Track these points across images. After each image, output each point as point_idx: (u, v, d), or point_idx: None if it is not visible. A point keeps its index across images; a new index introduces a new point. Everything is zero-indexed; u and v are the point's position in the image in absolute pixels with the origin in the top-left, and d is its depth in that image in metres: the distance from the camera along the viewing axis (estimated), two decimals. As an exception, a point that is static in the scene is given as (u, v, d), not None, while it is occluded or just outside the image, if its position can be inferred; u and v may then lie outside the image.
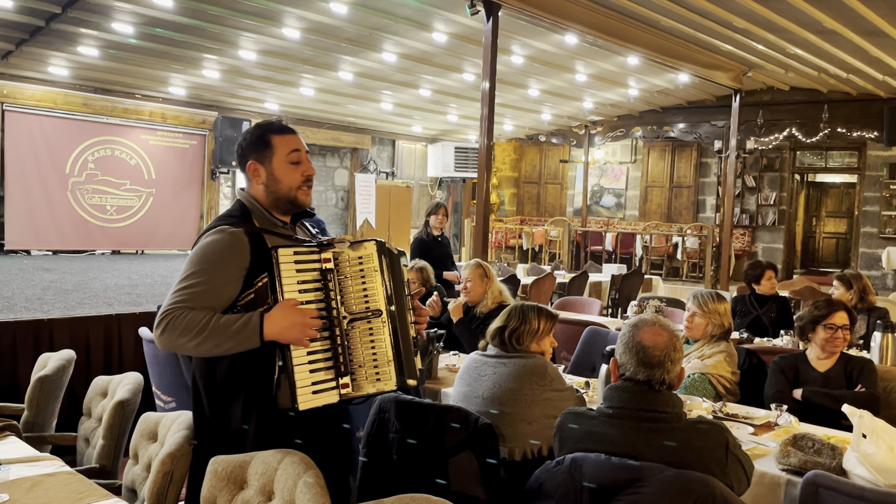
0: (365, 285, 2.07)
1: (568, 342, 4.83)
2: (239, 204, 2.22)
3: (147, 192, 11.32)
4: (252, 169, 2.20)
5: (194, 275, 2.02)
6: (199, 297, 1.99)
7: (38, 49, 8.39)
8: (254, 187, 2.21)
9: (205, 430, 2.13)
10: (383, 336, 2.06)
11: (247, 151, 2.21)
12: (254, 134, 2.22)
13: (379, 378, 2.04)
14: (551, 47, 8.59)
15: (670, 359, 2.04)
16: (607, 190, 15.26)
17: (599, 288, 9.51)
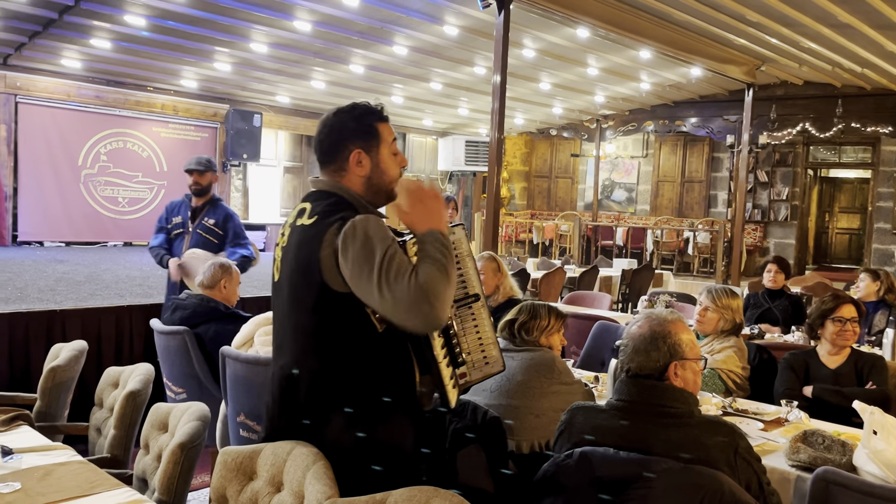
0: (461, 271, 2.03)
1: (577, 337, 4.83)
2: (335, 196, 1.96)
3: (159, 185, 11.37)
4: (356, 158, 1.97)
5: (386, 248, 1.79)
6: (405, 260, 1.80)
7: (51, 42, 8.43)
8: (351, 178, 1.98)
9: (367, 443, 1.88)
10: (484, 319, 2.06)
11: (350, 138, 1.98)
12: (358, 120, 2.00)
13: (487, 362, 2.05)
14: (563, 41, 8.55)
15: (639, 349, 2.04)
16: (618, 184, 15.20)
17: (610, 283, 9.49)
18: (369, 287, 1.78)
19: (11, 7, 7.12)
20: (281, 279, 2.01)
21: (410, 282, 1.75)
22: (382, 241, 1.81)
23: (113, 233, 10.95)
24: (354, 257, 1.80)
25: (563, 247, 13.91)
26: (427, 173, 15.26)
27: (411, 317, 1.76)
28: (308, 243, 1.89)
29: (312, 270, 1.86)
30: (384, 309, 1.80)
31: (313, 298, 1.88)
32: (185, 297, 3.92)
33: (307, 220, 1.93)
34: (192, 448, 2.16)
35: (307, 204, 1.98)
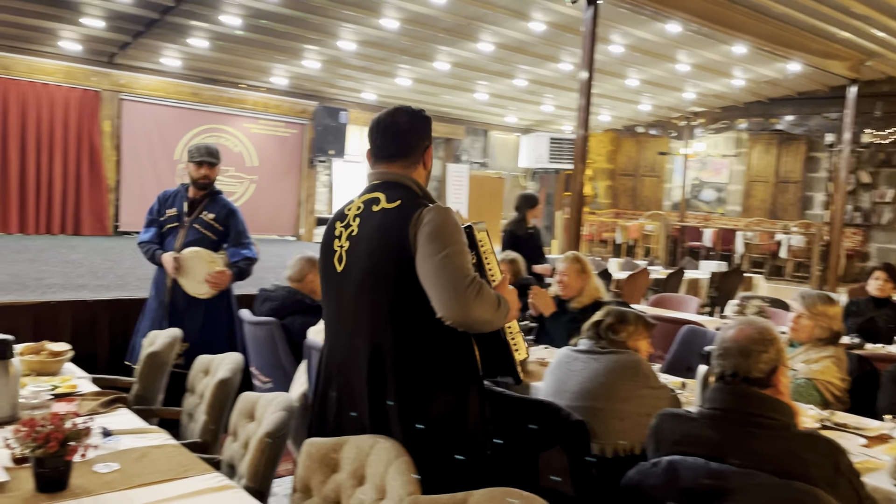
0: (489, 264, 2.21)
1: (663, 340, 4.69)
2: (406, 187, 2.16)
3: (249, 179, 11.75)
4: (430, 154, 2.25)
5: (460, 249, 2.00)
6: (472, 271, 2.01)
7: (152, 41, 8.82)
8: (419, 172, 2.22)
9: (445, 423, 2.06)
10: None
11: (425, 136, 2.24)
12: (426, 121, 2.27)
13: (517, 349, 2.23)
14: (653, 36, 8.34)
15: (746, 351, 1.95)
16: (707, 184, 14.72)
17: (697, 285, 9.20)
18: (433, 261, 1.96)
19: (117, 7, 7.49)
20: (348, 267, 2.12)
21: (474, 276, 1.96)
22: (453, 237, 2.00)
23: (206, 225, 11.38)
24: (429, 231, 1.98)
25: (648, 247, 13.58)
26: (509, 171, 15.19)
27: (454, 302, 1.93)
28: (397, 224, 2.04)
29: (403, 248, 2.01)
30: (432, 285, 1.96)
31: (397, 277, 2.02)
32: (274, 289, 4.02)
33: (388, 204, 2.09)
34: (278, 437, 2.21)
35: (380, 193, 2.14)
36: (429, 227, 1.99)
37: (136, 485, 1.95)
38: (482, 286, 1.96)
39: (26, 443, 1.84)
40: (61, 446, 1.84)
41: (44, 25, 8.29)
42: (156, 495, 1.90)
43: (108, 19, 7.98)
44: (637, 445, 2.61)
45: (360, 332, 2.09)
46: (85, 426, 1.92)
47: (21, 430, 1.86)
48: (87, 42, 9.07)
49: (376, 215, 2.09)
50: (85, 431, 1.91)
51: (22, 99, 9.58)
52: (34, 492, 1.85)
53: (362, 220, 2.12)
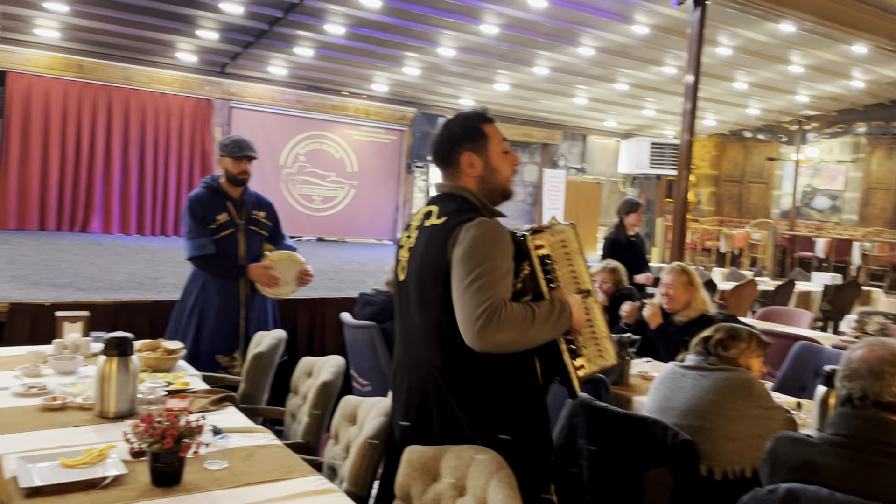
0: (572, 267, 2.12)
1: (773, 357, 4.45)
2: (459, 198, 2.09)
3: (349, 184, 12.03)
4: (468, 161, 2.11)
5: (488, 268, 1.91)
6: (502, 290, 1.92)
7: (261, 51, 9.18)
8: (466, 179, 2.12)
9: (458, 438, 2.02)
10: (597, 313, 2.15)
11: (460, 142, 2.12)
12: (465, 124, 2.14)
13: (601, 355, 2.14)
14: (764, 37, 7.99)
15: (878, 372, 1.79)
16: (821, 191, 13.96)
17: (808, 298, 8.71)
18: (457, 280, 1.92)
19: (230, 20, 7.84)
20: (407, 279, 2.11)
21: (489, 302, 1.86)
22: (488, 254, 1.92)
23: (307, 228, 11.74)
24: (460, 253, 1.94)
25: (755, 257, 13.00)
26: (607, 176, 14.90)
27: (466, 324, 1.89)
28: (438, 242, 2.00)
29: (441, 267, 1.97)
30: (456, 308, 1.92)
31: (441, 294, 1.98)
32: (374, 294, 4.07)
33: (437, 220, 2.05)
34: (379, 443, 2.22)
35: (434, 206, 2.11)
36: (461, 247, 1.94)
37: (244, 483, 2.00)
38: (499, 310, 1.86)
39: (144, 438, 1.93)
40: (176, 443, 1.92)
41: (163, 38, 8.77)
42: (261, 495, 1.95)
43: (221, 31, 8.36)
44: (748, 468, 2.48)
45: (417, 345, 2.09)
46: (198, 424, 1.99)
47: (139, 425, 1.95)
48: (201, 53, 9.54)
49: (427, 230, 2.07)
50: (198, 429, 1.98)
51: (142, 108, 10.17)
52: (150, 485, 1.93)
53: (419, 233, 2.10)
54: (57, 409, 2.52)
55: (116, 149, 9.99)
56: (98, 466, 2.00)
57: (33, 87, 9.41)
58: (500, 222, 2.03)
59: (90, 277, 5.56)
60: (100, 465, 2.00)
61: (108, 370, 2.42)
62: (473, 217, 1.99)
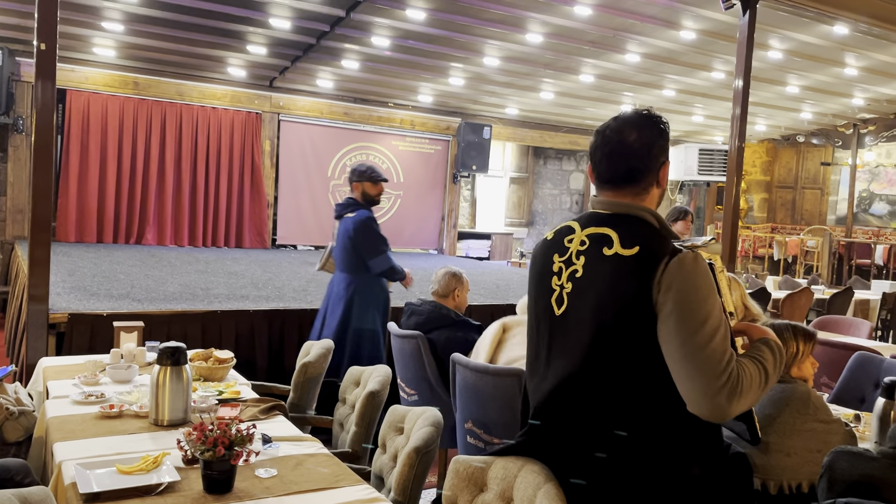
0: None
1: (830, 367, 4.33)
2: (640, 221, 1.78)
3: (395, 195, 12.12)
4: (666, 171, 1.83)
5: (716, 317, 1.64)
6: (729, 340, 1.66)
7: (308, 64, 9.33)
8: (652, 196, 1.83)
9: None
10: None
11: (660, 153, 1.82)
12: (661, 130, 1.84)
13: None
14: (816, 39, 7.79)
15: None
16: (879, 196, 13.52)
17: (867, 307, 8.44)
18: (679, 340, 1.62)
19: (278, 35, 8.00)
20: (569, 314, 1.80)
21: (729, 367, 1.61)
22: (709, 300, 1.65)
23: (354, 239, 11.86)
24: (676, 304, 1.63)
25: (809, 264, 12.65)
26: (656, 184, 14.68)
27: (703, 397, 1.61)
28: (633, 281, 1.68)
29: (643, 310, 1.66)
30: (677, 370, 1.64)
31: (626, 336, 1.69)
32: (420, 304, 4.09)
33: (623, 249, 1.72)
34: (426, 453, 2.23)
35: (610, 231, 1.76)
36: (677, 292, 1.63)
37: (293, 492, 2.03)
38: (741, 378, 1.61)
39: (196, 446, 1.97)
40: (227, 451, 1.96)
41: (214, 54, 9.00)
42: (310, 503, 1.97)
43: (269, 46, 8.53)
44: (805, 482, 2.42)
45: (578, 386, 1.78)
46: (248, 433, 2.03)
47: (192, 433, 2.00)
48: (250, 68, 9.75)
49: (608, 261, 1.72)
50: (249, 437, 2.02)
51: (194, 122, 10.43)
52: (203, 493, 1.97)
53: (589, 262, 1.77)
54: (114, 417, 2.59)
55: (170, 162, 10.26)
56: (153, 473, 2.05)
57: (91, 104, 9.74)
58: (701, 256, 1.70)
59: (145, 288, 5.72)
60: (154, 472, 2.06)
61: (161, 379, 2.48)
62: (667, 248, 1.68)
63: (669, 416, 1.69)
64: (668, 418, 1.70)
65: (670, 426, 1.70)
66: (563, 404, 1.81)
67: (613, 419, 1.72)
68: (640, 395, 1.70)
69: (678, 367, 1.63)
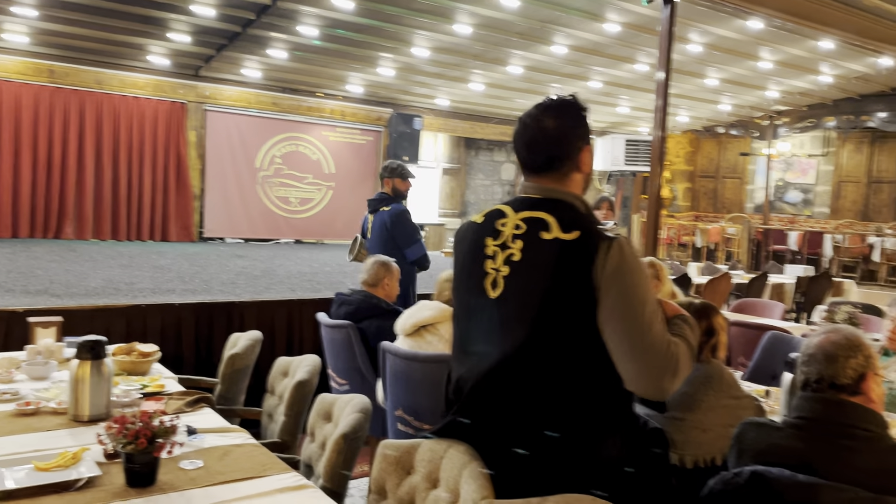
0: None
1: (746, 347, 4.54)
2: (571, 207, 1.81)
3: (327, 186, 12.01)
4: (587, 157, 1.86)
5: (652, 302, 1.71)
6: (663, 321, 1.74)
7: (235, 53, 9.14)
8: (575, 181, 1.86)
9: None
10: None
11: (579, 136, 1.85)
12: (578, 116, 1.86)
13: None
14: (733, 33, 8.10)
15: (833, 355, 1.85)
16: (793, 185, 14.16)
17: (782, 291, 8.84)
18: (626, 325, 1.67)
19: (202, 23, 7.80)
20: (506, 297, 1.80)
21: (670, 349, 1.70)
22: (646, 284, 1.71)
23: (285, 230, 11.71)
24: (622, 286, 1.67)
25: (730, 251, 13.17)
26: (584, 174, 14.99)
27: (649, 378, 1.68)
28: (576, 266, 1.69)
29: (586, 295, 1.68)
30: (623, 353, 1.68)
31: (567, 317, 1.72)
32: (350, 294, 4.09)
33: (565, 234, 1.73)
34: (354, 439, 2.24)
35: (547, 215, 1.78)
36: (620, 276, 1.66)
37: (219, 482, 2.01)
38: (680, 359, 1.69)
39: (117, 439, 1.93)
40: (150, 443, 1.92)
41: (134, 41, 8.71)
42: (237, 492, 1.96)
43: (193, 34, 8.32)
44: (719, 456, 2.53)
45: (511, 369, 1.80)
46: (172, 424, 1.99)
47: (112, 426, 1.95)
48: (174, 56, 9.48)
49: (548, 245, 1.73)
50: (172, 429, 1.99)
51: (115, 112, 10.08)
52: (124, 486, 1.93)
53: (527, 246, 1.77)
54: (30, 415, 2.50)
55: (89, 154, 9.89)
56: (72, 469, 1.99)
57: (3, 92, 9.30)
58: None
59: (65, 284, 5.51)
60: (73, 468, 2.00)
61: (81, 374, 2.41)
62: (610, 233, 1.73)
63: (599, 395, 1.76)
64: (597, 398, 1.76)
65: (599, 405, 1.76)
66: (497, 386, 1.82)
67: (547, 400, 1.76)
68: (574, 376, 1.74)
69: (624, 348, 1.67)
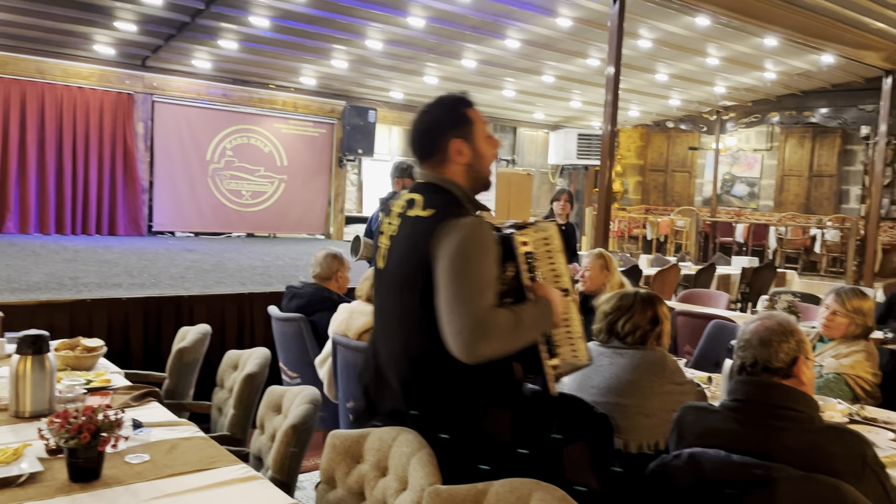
0: (553, 265, 2.08)
1: (691, 336, 4.66)
2: (443, 191, 2.01)
3: (279, 179, 11.88)
4: (456, 148, 2.02)
5: (476, 273, 1.84)
6: (488, 296, 1.85)
7: (183, 43, 8.97)
8: (453, 168, 2.03)
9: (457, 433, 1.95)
10: (573, 313, 2.10)
11: (447, 129, 2.03)
12: (450, 110, 2.07)
13: (575, 355, 2.12)
14: (681, 30, 8.26)
15: (767, 340, 1.94)
16: (739, 179, 14.53)
17: (728, 281, 9.08)
18: (445, 293, 1.83)
19: (149, 11, 7.63)
20: (388, 267, 2.06)
21: (481, 315, 1.80)
22: (476, 258, 1.85)
23: (236, 224, 11.55)
24: (447, 256, 1.85)
25: (679, 243, 13.45)
26: (537, 168, 15.14)
27: (459, 340, 1.81)
28: (423, 235, 1.92)
29: (424, 261, 1.89)
30: (441, 316, 1.84)
31: (422, 288, 1.91)
32: (301, 286, 4.07)
33: (423, 211, 1.96)
34: (303, 430, 2.24)
35: (417, 196, 2.01)
36: (448, 249, 1.85)
37: (166, 475, 1.99)
38: (485, 323, 1.81)
39: (60, 434, 1.90)
40: (93, 437, 1.90)
41: (78, 30, 8.47)
42: (184, 485, 1.94)
43: (140, 23, 8.13)
44: (662, 441, 2.60)
45: (393, 335, 2.04)
46: (116, 418, 1.97)
47: (55, 421, 1.92)
48: (120, 46, 9.25)
49: (411, 221, 1.99)
50: (116, 423, 1.96)
51: (58, 102, 9.79)
52: (68, 481, 1.91)
53: (402, 222, 2.03)
54: (-31, 411, 2.44)
55: (32, 145, 9.60)
56: (13, 465, 1.96)
57: (-61, 81, 8.97)
58: (487, 221, 1.94)
59: (5, 279, 5.36)
60: (15, 464, 1.96)
61: (22, 369, 2.36)
62: (461, 214, 1.91)
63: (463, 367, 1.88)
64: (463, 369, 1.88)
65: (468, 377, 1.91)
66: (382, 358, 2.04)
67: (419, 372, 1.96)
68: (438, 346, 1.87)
69: (441, 311, 1.84)
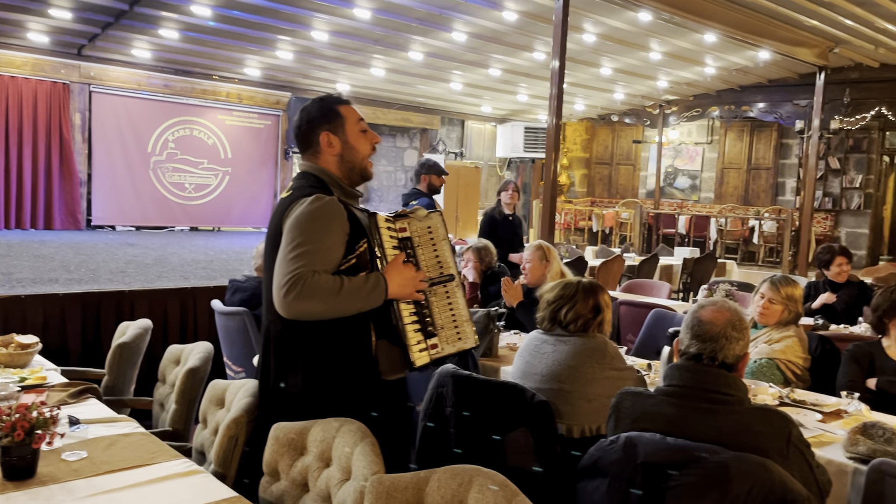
0: (437, 252, 2.23)
1: (633, 324, 4.77)
2: (312, 177, 2.20)
3: (223, 171, 11.68)
4: (325, 140, 2.21)
5: (307, 240, 2.01)
6: (318, 262, 2.00)
7: (122, 32, 8.72)
8: (325, 159, 2.22)
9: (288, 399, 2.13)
10: (458, 298, 2.25)
11: (317, 123, 2.22)
12: (321, 106, 2.25)
13: (460, 338, 2.23)
14: (624, 25, 8.40)
15: (726, 336, 2.00)
16: (682, 171, 14.87)
17: (671, 271, 9.31)
18: (281, 249, 2.02)
19: (85, -1, 7.40)
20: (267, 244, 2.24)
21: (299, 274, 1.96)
22: (309, 229, 2.02)
23: (180, 218, 11.31)
24: (287, 224, 2.05)
25: (624, 235, 13.71)
26: (485, 161, 15.22)
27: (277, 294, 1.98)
28: (278, 212, 2.14)
29: (277, 235, 2.09)
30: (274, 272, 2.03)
31: (275, 259, 2.07)
32: (245, 280, 4.03)
33: (284, 193, 2.20)
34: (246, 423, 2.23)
35: (293, 181, 2.26)
36: (290, 218, 2.06)
37: (104, 472, 1.96)
38: (304, 280, 1.95)
39: (-8, 432, 1.85)
40: (27, 435, 1.86)
41: (10, 17, 8.16)
42: (123, 481, 1.92)
43: (75, 10, 7.88)
44: (603, 425, 2.66)
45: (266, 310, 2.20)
46: (51, 415, 1.93)
47: (-13, 419, 1.87)
48: (54, 34, 8.95)
49: (279, 203, 2.21)
50: (52, 420, 1.92)
51: (-11, 92, 9.43)
52: (2, 480, 1.86)
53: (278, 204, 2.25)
54: None
55: (-38, 137, 9.23)
56: (-59, 465, 1.90)
57: None
58: (337, 201, 2.09)
59: (-66, 275, 5.16)
60: (-57, 464, 1.90)
61: (-49, 366, 2.28)
62: (313, 192, 2.09)
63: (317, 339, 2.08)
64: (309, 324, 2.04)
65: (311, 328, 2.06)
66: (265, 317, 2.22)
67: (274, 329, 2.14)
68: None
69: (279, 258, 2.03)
